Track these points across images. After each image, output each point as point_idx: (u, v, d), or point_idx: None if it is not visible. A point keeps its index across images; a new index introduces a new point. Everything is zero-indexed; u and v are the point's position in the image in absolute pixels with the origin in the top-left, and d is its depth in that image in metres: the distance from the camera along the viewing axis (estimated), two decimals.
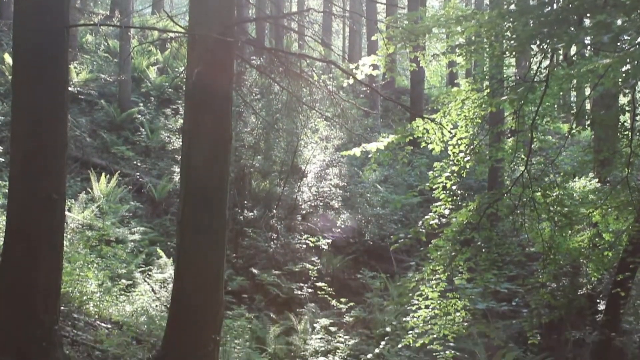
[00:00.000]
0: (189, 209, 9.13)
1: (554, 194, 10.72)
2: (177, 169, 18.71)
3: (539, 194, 10.58)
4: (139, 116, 22.61)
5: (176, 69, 25.59)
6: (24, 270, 6.74)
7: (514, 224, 11.01)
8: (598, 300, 14.58)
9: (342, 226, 20.07)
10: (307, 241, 18.62)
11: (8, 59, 20.78)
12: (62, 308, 7.89)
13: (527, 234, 11.70)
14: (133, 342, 9.58)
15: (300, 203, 20.18)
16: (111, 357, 8.71)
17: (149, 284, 12.93)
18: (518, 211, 10.73)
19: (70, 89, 20.37)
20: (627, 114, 11.59)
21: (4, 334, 6.58)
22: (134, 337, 9.79)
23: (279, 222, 19.14)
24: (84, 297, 10.23)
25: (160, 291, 12.80)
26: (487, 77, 11.65)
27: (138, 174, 19.35)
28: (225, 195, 9.40)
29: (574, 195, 12.67)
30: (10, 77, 16.66)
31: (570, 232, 11.73)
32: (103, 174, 17.43)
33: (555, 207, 10.78)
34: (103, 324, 9.78)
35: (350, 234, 20.22)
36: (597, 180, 14.12)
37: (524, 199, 10.50)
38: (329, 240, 18.79)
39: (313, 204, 20.30)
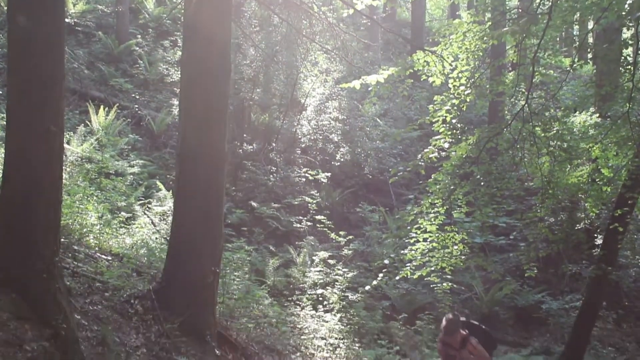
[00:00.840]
0: (188, 142, 9.10)
1: (554, 129, 10.69)
2: (175, 102, 18.61)
3: (539, 128, 10.54)
4: (137, 48, 22.35)
5: (174, 0, 25.22)
6: (23, 202, 6.72)
7: (513, 158, 11.00)
8: (595, 235, 14.68)
9: (342, 160, 20.08)
10: (306, 174, 18.65)
11: None
12: (62, 240, 7.92)
13: (526, 168, 11.71)
14: (133, 274, 9.65)
15: (299, 136, 20.16)
16: (112, 288, 8.78)
17: (148, 216, 12.97)
18: (518, 145, 10.71)
19: (67, 20, 20.13)
20: (630, 48, 11.45)
21: (4, 266, 6.61)
22: (134, 269, 9.85)
23: (278, 155, 19.15)
24: (84, 230, 10.25)
25: (160, 224, 12.85)
26: (489, 8, 11.51)
27: (137, 106, 19.21)
28: (224, 128, 9.35)
29: (574, 130, 12.64)
30: (5, 8, 16.44)
31: (569, 166, 11.73)
32: (101, 106, 17.28)
33: (555, 141, 10.76)
34: (103, 256, 9.83)
35: (349, 168, 20.24)
36: (597, 115, 14.06)
37: (524, 134, 10.47)
38: (328, 174, 18.81)
39: (312, 138, 20.27)
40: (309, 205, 17.45)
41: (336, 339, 12.29)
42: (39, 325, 6.52)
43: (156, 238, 11.83)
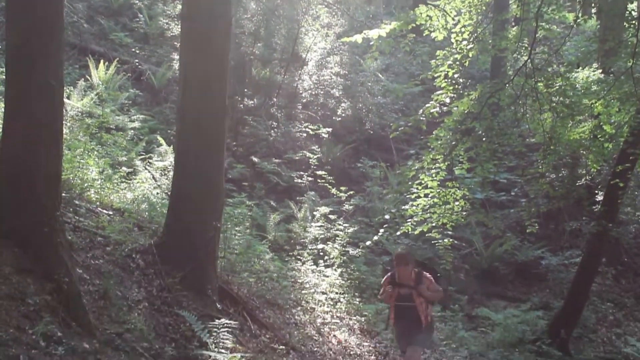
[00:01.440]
0: (189, 96, 9.06)
1: (557, 85, 10.60)
2: (176, 56, 18.46)
3: (541, 84, 10.46)
4: (137, 2, 22.07)
5: None
6: (24, 156, 6.71)
7: (515, 114, 10.93)
8: (596, 191, 14.68)
9: (343, 115, 20.01)
10: (307, 129, 18.61)
11: None
12: (63, 195, 7.92)
13: (528, 124, 11.65)
14: (134, 229, 9.68)
15: (300, 91, 20.07)
16: (113, 243, 8.80)
17: (149, 171, 12.96)
18: (520, 101, 10.64)
19: None
20: (635, 3, 11.32)
21: (6, 220, 6.62)
22: (136, 224, 9.87)
23: (279, 110, 19.08)
24: (85, 184, 10.24)
25: (161, 179, 12.84)
26: None
27: (137, 61, 19.07)
28: (225, 82, 9.31)
29: (577, 85, 12.55)
30: None
31: (571, 122, 11.66)
32: (101, 61, 17.13)
33: (557, 97, 10.68)
34: (104, 211, 9.84)
35: (350, 123, 20.19)
36: (600, 70, 13.95)
37: (527, 89, 10.39)
38: (329, 129, 18.77)
39: (314, 93, 20.18)
40: (310, 160, 17.45)
41: (337, 293, 12.38)
42: (41, 279, 6.56)
43: (157, 193, 11.83)
